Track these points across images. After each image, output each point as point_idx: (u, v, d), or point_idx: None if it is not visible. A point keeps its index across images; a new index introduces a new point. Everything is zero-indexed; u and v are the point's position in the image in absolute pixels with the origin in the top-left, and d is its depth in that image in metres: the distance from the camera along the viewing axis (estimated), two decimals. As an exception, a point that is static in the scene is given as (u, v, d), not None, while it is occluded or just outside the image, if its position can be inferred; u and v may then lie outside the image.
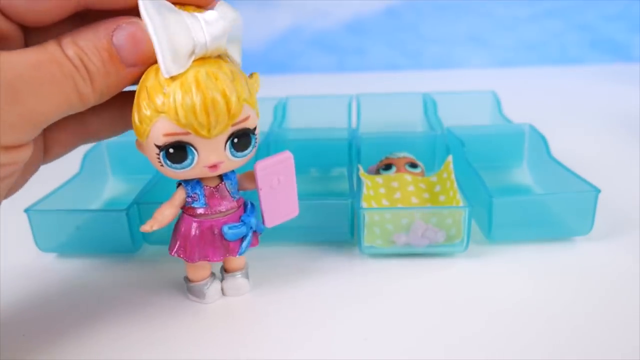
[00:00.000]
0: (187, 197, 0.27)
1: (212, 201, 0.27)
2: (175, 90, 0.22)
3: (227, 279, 0.30)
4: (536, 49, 0.88)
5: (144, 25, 0.22)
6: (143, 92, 0.23)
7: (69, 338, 0.27)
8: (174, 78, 0.22)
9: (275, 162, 0.27)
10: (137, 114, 0.23)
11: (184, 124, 0.23)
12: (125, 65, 0.22)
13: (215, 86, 0.22)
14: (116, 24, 0.22)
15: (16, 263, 0.34)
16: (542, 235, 0.34)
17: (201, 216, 0.27)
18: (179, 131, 0.23)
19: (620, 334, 0.26)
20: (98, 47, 0.22)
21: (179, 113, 0.22)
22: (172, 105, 0.22)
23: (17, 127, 0.21)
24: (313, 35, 0.90)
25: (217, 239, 0.27)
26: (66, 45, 0.21)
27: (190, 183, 0.26)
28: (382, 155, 0.40)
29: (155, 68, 0.23)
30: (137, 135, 0.24)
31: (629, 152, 0.49)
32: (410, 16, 0.88)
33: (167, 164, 0.24)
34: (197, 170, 0.25)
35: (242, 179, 0.28)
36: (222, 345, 0.26)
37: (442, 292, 0.30)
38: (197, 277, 0.29)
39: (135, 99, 0.24)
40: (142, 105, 0.23)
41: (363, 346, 0.26)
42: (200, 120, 0.23)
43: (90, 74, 0.22)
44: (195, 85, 0.22)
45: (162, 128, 0.23)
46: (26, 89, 0.20)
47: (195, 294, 0.29)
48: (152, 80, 0.23)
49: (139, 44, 0.22)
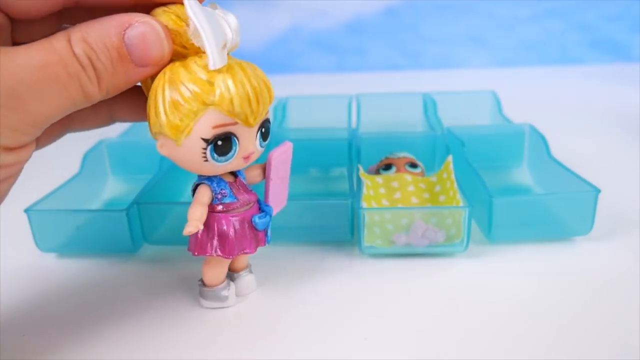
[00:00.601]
0: (215, 195, 0.26)
1: (239, 195, 0.27)
2: (227, 81, 0.23)
3: (237, 279, 0.30)
4: (536, 49, 0.88)
5: (157, 25, 0.22)
6: (178, 87, 0.23)
7: (69, 338, 0.27)
8: (219, 71, 0.23)
9: (283, 151, 0.28)
10: (173, 111, 0.23)
11: (237, 112, 0.23)
12: (135, 65, 0.22)
13: (258, 76, 0.24)
14: (128, 21, 0.21)
15: (16, 263, 0.34)
16: (542, 235, 0.34)
17: (229, 211, 0.27)
18: (229, 122, 0.23)
19: (621, 333, 0.26)
20: (108, 45, 0.21)
21: (235, 102, 0.23)
22: (227, 96, 0.23)
23: (20, 129, 0.21)
24: (313, 35, 0.90)
25: (249, 231, 0.27)
26: (75, 42, 0.21)
27: (215, 180, 0.26)
28: (382, 155, 0.40)
29: (181, 64, 0.23)
30: (171, 134, 0.23)
31: (629, 152, 0.49)
32: (410, 16, 0.88)
33: (212, 158, 0.24)
34: (235, 162, 0.25)
35: (248, 174, 0.28)
36: (222, 345, 0.26)
37: (442, 292, 0.30)
38: (218, 280, 0.28)
39: (163, 98, 0.23)
40: (182, 101, 0.23)
41: (363, 346, 0.26)
42: (253, 107, 0.23)
43: (97, 73, 0.21)
44: (244, 75, 0.23)
45: (212, 120, 0.23)
46: (29, 92, 0.20)
47: (213, 299, 0.29)
48: (188, 75, 0.23)
49: (152, 44, 0.22)
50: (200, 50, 0.23)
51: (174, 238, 0.35)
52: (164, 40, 0.22)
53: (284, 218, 0.30)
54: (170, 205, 0.37)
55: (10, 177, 0.22)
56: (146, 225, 0.34)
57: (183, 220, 0.26)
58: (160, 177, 0.38)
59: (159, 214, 0.35)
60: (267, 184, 0.28)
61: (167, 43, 0.23)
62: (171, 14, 0.23)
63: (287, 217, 0.30)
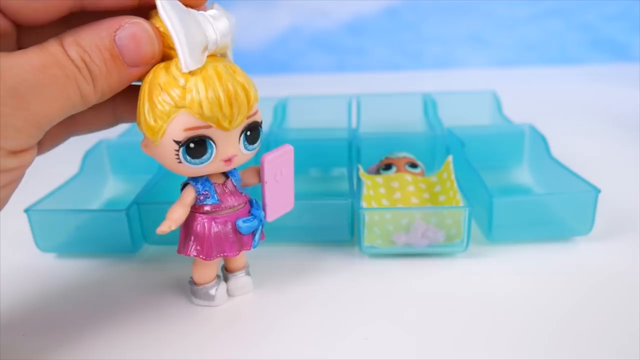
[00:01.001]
0: (198, 196, 0.27)
1: (224, 197, 0.27)
2: (198, 84, 0.23)
3: (231, 279, 0.30)
4: (536, 49, 0.88)
5: (146, 26, 0.22)
6: (156, 89, 0.23)
7: (68, 338, 0.27)
8: (193, 73, 0.23)
9: (279, 155, 0.28)
10: (149, 112, 0.23)
11: (208, 116, 0.23)
12: (127, 65, 0.22)
13: (234, 79, 0.23)
14: (118, 23, 0.22)
15: (16, 263, 0.34)
16: (542, 235, 0.34)
17: (214, 213, 0.27)
18: (201, 124, 0.23)
19: (621, 333, 0.26)
20: (100, 47, 0.22)
21: (204, 106, 0.23)
22: (196, 99, 0.23)
23: (23, 131, 0.21)
24: (313, 35, 0.90)
25: (231, 234, 0.27)
26: (68, 45, 0.21)
27: (200, 181, 0.26)
28: (382, 155, 0.40)
29: (164, 66, 0.23)
30: (148, 135, 0.24)
31: (629, 152, 0.49)
32: (410, 16, 0.88)
33: (186, 160, 0.24)
34: (214, 165, 0.25)
35: (244, 175, 0.28)
36: (222, 345, 0.26)
37: (442, 292, 0.30)
38: (205, 279, 0.29)
39: (145, 99, 0.23)
40: (157, 102, 0.23)
41: (363, 346, 0.26)
42: (225, 111, 0.23)
43: (92, 75, 0.22)
44: (217, 78, 0.23)
45: (183, 123, 0.23)
46: (31, 93, 0.20)
47: (202, 297, 0.29)
48: (165, 77, 0.23)
49: (142, 44, 0.22)
50: None
51: (174, 238, 0.35)
52: (153, 39, 0.23)
53: (284, 218, 0.30)
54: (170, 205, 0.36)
55: (11, 182, 0.22)
56: (146, 225, 0.34)
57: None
58: (160, 177, 0.38)
59: (159, 214, 0.35)
60: (262, 188, 0.28)
61: (158, 42, 0.23)
62: None
63: (287, 217, 0.30)
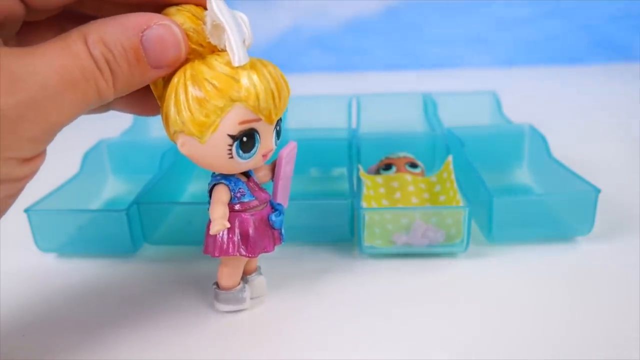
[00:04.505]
0: (234, 194, 0.26)
1: (257, 194, 0.27)
2: (252, 77, 0.23)
3: (249, 281, 0.29)
4: (536, 49, 0.88)
5: (175, 29, 0.22)
6: (204, 84, 0.22)
7: (69, 338, 0.27)
8: (243, 67, 0.23)
9: (290, 150, 0.28)
10: (199, 109, 0.23)
11: (262, 108, 0.23)
12: (151, 67, 0.22)
13: (277, 73, 0.24)
14: (147, 23, 0.21)
15: (16, 263, 0.34)
16: (542, 235, 0.34)
17: (252, 209, 0.27)
18: (253, 117, 0.23)
19: (621, 333, 0.26)
20: (126, 46, 0.21)
21: (261, 98, 0.23)
22: (253, 91, 0.23)
23: (37, 140, 0.20)
24: (313, 35, 0.90)
25: (268, 230, 0.27)
26: (93, 44, 0.20)
27: (232, 180, 0.26)
28: (382, 155, 0.40)
29: (203, 62, 0.23)
30: (195, 132, 0.23)
31: (629, 152, 0.49)
32: (410, 16, 0.88)
33: (238, 155, 0.24)
34: (255, 160, 0.25)
35: (259, 173, 0.28)
36: (222, 345, 0.26)
37: (442, 292, 0.30)
38: (235, 282, 0.28)
39: (189, 97, 0.23)
40: (209, 98, 0.22)
41: (364, 346, 0.26)
42: (276, 103, 0.24)
43: (113, 75, 0.21)
44: (267, 72, 0.23)
45: (238, 116, 0.23)
46: (50, 103, 0.19)
47: (231, 302, 0.28)
48: (211, 72, 0.23)
49: (169, 47, 0.22)
50: (216, 49, 0.23)
51: (174, 238, 0.35)
52: (181, 42, 0.22)
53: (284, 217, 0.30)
54: (170, 205, 0.37)
55: (18, 191, 0.22)
56: (146, 225, 0.34)
57: (183, 220, 0.26)
58: (160, 177, 0.38)
59: (159, 214, 0.35)
60: (275, 183, 0.28)
61: (184, 45, 0.23)
62: (186, 12, 0.23)
63: (287, 217, 0.30)
